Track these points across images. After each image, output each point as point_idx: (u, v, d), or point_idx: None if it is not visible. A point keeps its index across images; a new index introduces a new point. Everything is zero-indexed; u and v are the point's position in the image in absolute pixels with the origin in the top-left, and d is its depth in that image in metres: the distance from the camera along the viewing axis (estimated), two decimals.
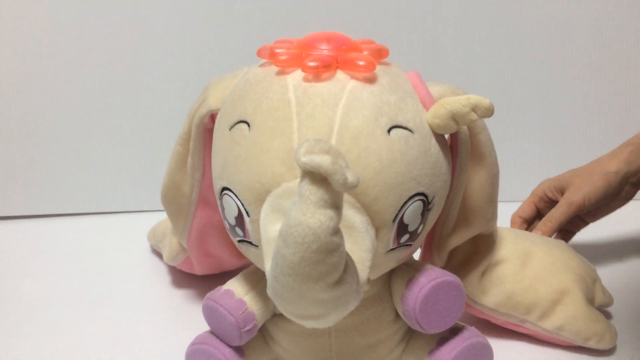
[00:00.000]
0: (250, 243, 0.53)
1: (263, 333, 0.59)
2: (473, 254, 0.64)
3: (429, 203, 0.53)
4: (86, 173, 1.03)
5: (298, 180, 0.44)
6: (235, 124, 0.53)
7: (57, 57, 0.99)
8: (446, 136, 0.57)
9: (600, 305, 0.68)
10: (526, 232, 0.72)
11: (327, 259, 0.43)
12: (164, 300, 0.78)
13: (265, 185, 0.50)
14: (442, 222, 0.60)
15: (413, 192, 0.51)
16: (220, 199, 0.54)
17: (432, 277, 0.54)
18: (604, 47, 0.98)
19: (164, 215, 0.73)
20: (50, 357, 0.67)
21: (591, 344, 0.64)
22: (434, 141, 0.53)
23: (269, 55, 0.54)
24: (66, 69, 1.00)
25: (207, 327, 0.61)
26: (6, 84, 1.00)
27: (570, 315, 0.64)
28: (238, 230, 0.53)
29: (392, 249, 0.52)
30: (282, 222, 0.44)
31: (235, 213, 0.52)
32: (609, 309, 0.71)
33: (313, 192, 0.42)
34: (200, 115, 0.59)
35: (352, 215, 0.48)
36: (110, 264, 0.87)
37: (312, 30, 0.56)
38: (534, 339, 0.66)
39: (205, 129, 0.60)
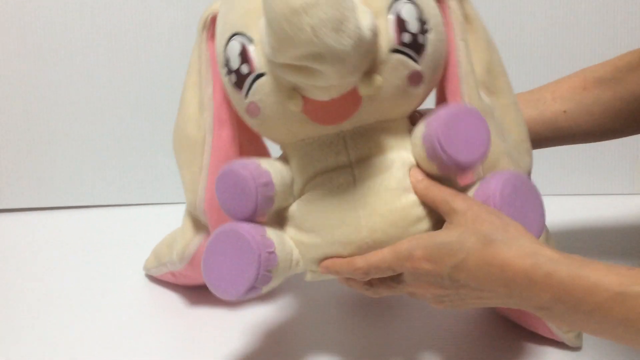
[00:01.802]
0: (258, 78, 0.55)
1: (283, 227, 0.59)
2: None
3: (424, 18, 0.55)
4: (90, 166, 1.04)
5: None
6: None
7: (62, 51, 1.00)
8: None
9: None
10: None
11: None
12: (166, 293, 0.78)
13: (259, 3, 0.53)
14: (459, 70, 0.59)
15: None
16: (225, 52, 0.57)
17: (453, 106, 0.55)
18: (606, 44, 0.98)
19: (169, 208, 0.72)
20: (49, 350, 0.68)
21: (570, 336, 0.64)
22: None
23: None
24: (71, 63, 1.00)
25: (207, 325, 0.61)
26: (12, 78, 1.00)
27: None
28: (243, 68, 0.56)
29: (398, 49, 0.54)
30: None
31: (239, 48, 0.56)
32: None
33: None
34: (204, 17, 0.62)
35: None
36: (114, 256, 0.87)
37: None
38: (519, 327, 0.67)
39: (209, 35, 0.62)
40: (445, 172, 0.55)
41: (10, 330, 0.71)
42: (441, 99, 0.61)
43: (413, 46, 0.55)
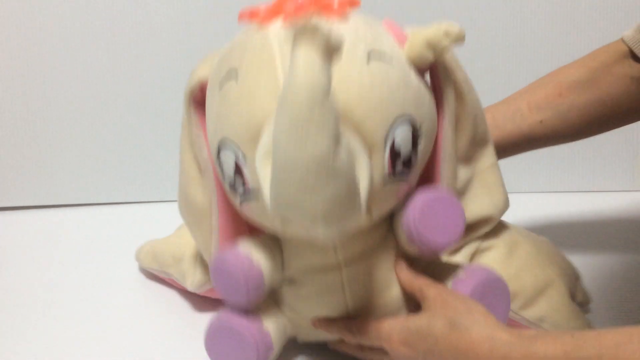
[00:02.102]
0: (252, 196, 0.55)
1: (275, 298, 0.61)
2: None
3: (417, 130, 0.55)
4: (91, 164, 1.04)
5: None
6: (224, 80, 0.55)
7: (63, 50, 1.00)
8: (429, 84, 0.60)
9: (579, 303, 0.69)
10: (513, 224, 0.73)
11: (322, 103, 0.45)
12: (167, 292, 0.78)
13: (258, 121, 0.52)
14: (440, 158, 0.61)
15: (398, 113, 0.53)
16: (218, 159, 0.56)
17: (429, 192, 0.57)
18: (608, 41, 0.98)
19: (170, 206, 0.72)
20: (49, 347, 0.68)
21: None
22: (413, 74, 0.56)
23: (249, 15, 0.57)
24: (72, 61, 1.00)
25: (204, 324, 0.61)
26: (12, 77, 1.00)
27: (552, 307, 0.65)
28: (238, 184, 0.55)
29: (389, 179, 0.54)
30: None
31: (233, 164, 0.55)
32: (586, 308, 0.71)
33: (304, 51, 0.45)
34: (191, 87, 0.60)
35: (346, 136, 0.50)
36: (115, 254, 0.87)
37: None
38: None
39: (197, 106, 0.61)
40: (423, 253, 0.58)
41: (11, 328, 0.72)
42: (421, 176, 0.62)
43: (404, 170, 0.55)
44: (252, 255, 0.58)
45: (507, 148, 0.72)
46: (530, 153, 0.76)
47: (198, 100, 0.61)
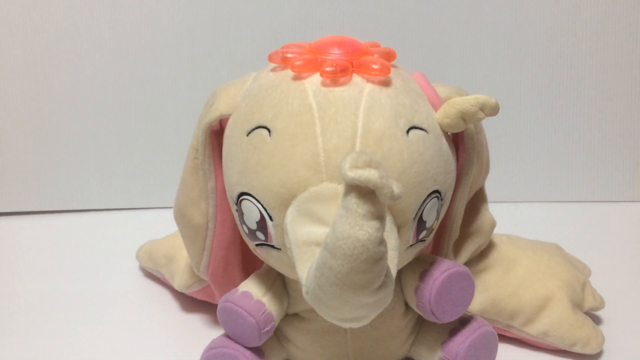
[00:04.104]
0: (273, 247, 0.53)
1: (277, 333, 0.59)
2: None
3: (442, 199, 0.55)
4: (94, 170, 1.04)
5: (325, 184, 0.48)
6: (254, 129, 0.53)
7: (66, 55, 1.00)
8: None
9: (590, 309, 0.68)
10: (515, 236, 0.73)
11: (374, 268, 0.45)
12: (169, 297, 0.79)
13: (291, 190, 0.50)
14: (452, 218, 0.61)
15: (431, 190, 0.53)
16: (238, 204, 0.54)
17: (445, 268, 0.56)
18: (609, 51, 0.99)
19: (170, 213, 0.73)
20: (50, 352, 0.68)
21: (576, 349, 0.64)
22: (444, 140, 0.55)
23: (281, 60, 0.55)
24: (75, 66, 1.00)
25: (209, 328, 0.62)
26: (15, 81, 1.01)
27: (554, 321, 0.64)
28: (259, 234, 0.53)
29: (411, 246, 0.54)
30: (325, 234, 0.46)
31: (257, 218, 0.52)
32: (600, 313, 0.71)
33: (360, 206, 0.43)
34: (209, 121, 0.58)
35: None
36: (117, 260, 0.87)
37: (318, 32, 0.56)
38: (522, 342, 0.67)
39: (212, 135, 0.59)
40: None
41: (11, 333, 0.72)
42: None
43: (427, 234, 0.55)
44: (262, 299, 0.56)
45: None
46: (530, 163, 0.76)
47: (215, 130, 0.59)
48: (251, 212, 0.53)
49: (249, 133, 0.53)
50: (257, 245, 0.55)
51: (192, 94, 1.00)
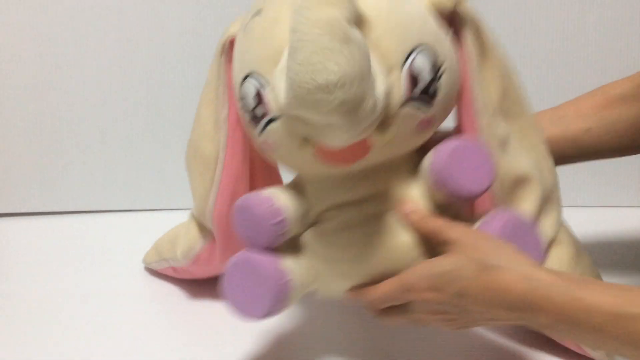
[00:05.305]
0: (272, 121, 0.56)
1: (297, 248, 0.61)
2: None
3: (437, 63, 0.56)
4: (99, 172, 1.04)
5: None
6: (250, 20, 0.57)
7: (71, 57, 1.00)
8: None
9: None
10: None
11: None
12: (173, 300, 0.79)
13: (279, 46, 0.54)
14: (476, 107, 0.61)
15: (416, 41, 0.55)
16: (241, 93, 0.58)
17: (457, 139, 0.57)
18: (615, 56, 0.98)
19: (177, 214, 0.73)
20: (54, 353, 0.68)
21: (600, 354, 0.64)
22: (431, 18, 0.57)
23: None
24: (81, 68, 1.01)
25: (213, 329, 0.61)
26: (20, 83, 1.01)
27: None
28: (259, 110, 0.57)
29: (408, 103, 0.55)
30: None
31: (254, 91, 0.56)
32: None
33: None
34: (222, 41, 0.63)
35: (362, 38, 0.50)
36: (122, 261, 0.88)
37: None
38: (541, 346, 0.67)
39: (226, 61, 0.63)
40: (451, 202, 0.57)
41: (18, 334, 0.72)
42: (459, 131, 0.62)
43: (424, 97, 0.56)
44: (275, 200, 0.59)
45: (552, 154, 0.69)
46: None
47: (229, 57, 0.63)
48: (249, 89, 0.57)
49: (247, 25, 0.58)
50: (261, 133, 0.58)
51: (198, 96, 0.99)
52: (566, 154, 0.73)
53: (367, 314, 0.69)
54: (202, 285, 0.80)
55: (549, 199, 0.66)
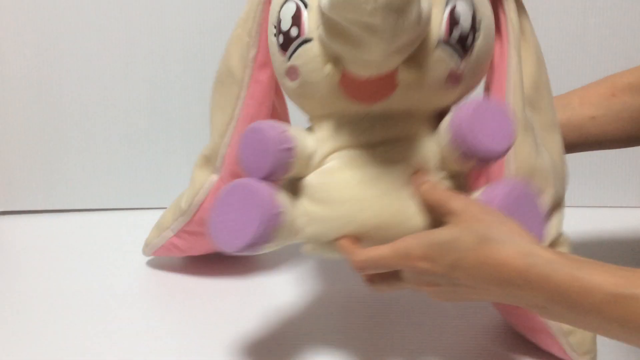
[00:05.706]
0: (305, 42, 0.57)
1: (297, 193, 0.60)
2: None
3: (477, 18, 0.57)
4: (101, 169, 1.04)
5: None
6: None
7: (73, 55, 1.00)
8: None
9: None
10: None
11: None
12: (175, 297, 0.79)
13: None
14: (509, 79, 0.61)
15: None
16: (280, 11, 0.59)
17: (482, 99, 0.56)
18: (617, 57, 0.98)
19: None
20: (56, 350, 0.68)
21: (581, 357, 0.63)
22: None
23: None
24: (82, 66, 1.01)
25: (215, 325, 0.61)
26: (22, 81, 1.01)
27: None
28: (293, 30, 0.57)
29: (443, 45, 0.55)
30: None
31: (294, 9, 0.57)
32: None
33: None
34: None
35: None
36: (123, 259, 0.88)
37: None
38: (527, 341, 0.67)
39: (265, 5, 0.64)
40: (467, 161, 0.56)
41: (20, 332, 0.72)
42: None
43: (460, 44, 0.56)
44: (288, 130, 0.58)
45: None
46: None
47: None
48: (288, 11, 0.58)
49: None
50: (290, 56, 0.58)
51: (200, 95, 0.99)
52: (570, 141, 0.72)
53: (366, 314, 0.69)
54: (203, 282, 0.80)
55: (558, 206, 0.65)
